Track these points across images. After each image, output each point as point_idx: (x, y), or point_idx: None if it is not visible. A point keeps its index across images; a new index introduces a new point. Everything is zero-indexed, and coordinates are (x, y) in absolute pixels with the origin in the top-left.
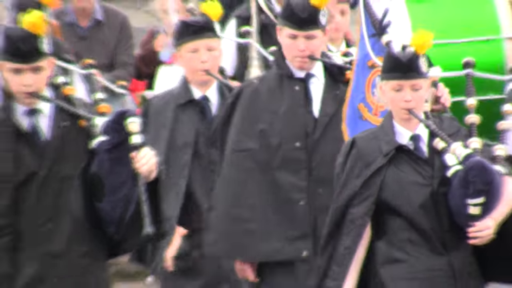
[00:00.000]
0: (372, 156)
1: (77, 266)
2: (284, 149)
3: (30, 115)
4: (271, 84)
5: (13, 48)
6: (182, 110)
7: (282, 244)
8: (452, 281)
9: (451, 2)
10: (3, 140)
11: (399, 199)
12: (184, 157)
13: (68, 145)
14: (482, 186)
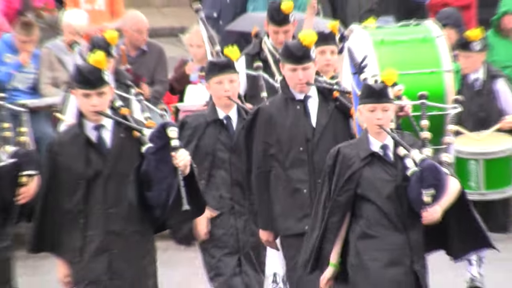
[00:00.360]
0: (352, 160)
1: (131, 241)
2: (292, 153)
3: (97, 129)
4: (279, 105)
5: (84, 78)
6: (210, 126)
7: (294, 222)
8: (408, 252)
9: (405, 45)
10: (77, 148)
11: (372, 191)
12: (205, 163)
13: (125, 151)
14: (433, 181)
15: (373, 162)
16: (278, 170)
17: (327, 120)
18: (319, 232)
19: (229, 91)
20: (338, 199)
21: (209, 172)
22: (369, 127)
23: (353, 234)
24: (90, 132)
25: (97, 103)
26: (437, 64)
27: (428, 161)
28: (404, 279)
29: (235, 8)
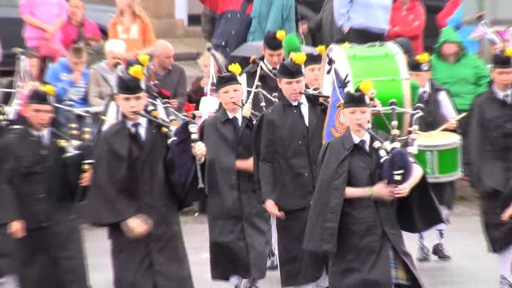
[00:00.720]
0: (340, 151)
1: (161, 212)
2: (293, 146)
3: (135, 126)
4: (279, 111)
5: (125, 85)
6: (222, 125)
7: (299, 199)
8: (379, 224)
9: (372, 59)
10: (121, 139)
11: (352, 177)
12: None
13: (155, 142)
14: (401, 164)
15: (354, 153)
16: (280, 162)
17: (317, 120)
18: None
19: (234, 97)
20: (335, 183)
21: None
22: (351, 125)
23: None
24: (130, 128)
25: (135, 105)
26: (397, 74)
27: (398, 149)
28: (377, 245)
29: (238, 38)
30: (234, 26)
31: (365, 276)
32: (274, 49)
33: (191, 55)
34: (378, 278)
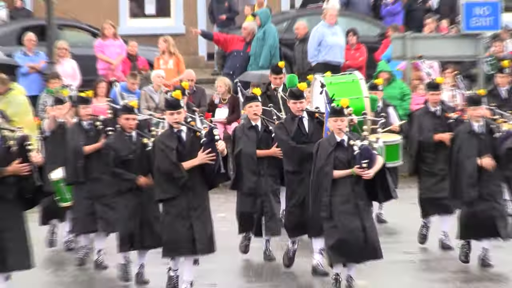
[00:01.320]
0: (327, 147)
1: (198, 191)
2: (299, 143)
3: (178, 132)
4: (289, 121)
5: (169, 104)
6: (248, 130)
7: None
8: (353, 197)
9: (343, 84)
10: (171, 141)
11: (337, 165)
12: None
13: (192, 143)
14: (368, 155)
15: (337, 148)
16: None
17: (313, 128)
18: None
19: (256, 111)
20: (326, 169)
21: None
22: (334, 130)
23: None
24: (175, 133)
25: (177, 118)
26: (360, 93)
27: (365, 146)
28: (352, 211)
29: (241, 69)
30: (238, 61)
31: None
32: (277, 74)
33: (209, 80)
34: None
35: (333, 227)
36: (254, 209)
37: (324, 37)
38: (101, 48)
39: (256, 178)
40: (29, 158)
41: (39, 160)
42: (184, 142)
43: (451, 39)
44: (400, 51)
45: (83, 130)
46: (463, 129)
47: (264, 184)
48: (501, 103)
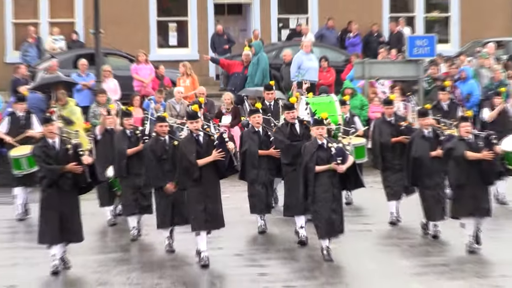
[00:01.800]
0: (311, 148)
1: (213, 182)
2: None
3: (197, 136)
4: (284, 126)
5: (190, 115)
6: (252, 134)
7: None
8: (332, 187)
9: (322, 104)
10: (191, 144)
11: (318, 162)
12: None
13: (208, 144)
14: (341, 154)
15: (319, 149)
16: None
17: (303, 131)
18: (303, 183)
19: (258, 120)
20: (310, 165)
21: None
22: (316, 135)
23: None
24: (194, 137)
25: (196, 125)
26: (335, 111)
27: (340, 147)
28: (331, 198)
29: (241, 86)
30: (238, 80)
31: (327, 215)
32: (269, 90)
33: (217, 94)
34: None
35: (316, 212)
36: (258, 192)
37: (302, 62)
38: (136, 70)
39: (256, 171)
40: (81, 160)
41: (89, 161)
42: (202, 144)
43: (398, 63)
44: (360, 73)
45: (127, 137)
46: (417, 135)
47: (263, 176)
48: (444, 114)
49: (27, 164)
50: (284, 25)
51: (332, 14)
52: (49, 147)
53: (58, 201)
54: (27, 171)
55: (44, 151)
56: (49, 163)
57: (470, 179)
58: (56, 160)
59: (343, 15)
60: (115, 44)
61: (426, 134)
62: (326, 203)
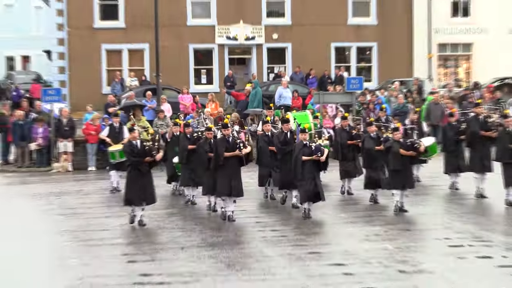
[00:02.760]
0: (299, 146)
1: (235, 166)
2: (283, 144)
3: (228, 137)
4: (280, 133)
5: (223, 126)
6: (265, 137)
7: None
8: (314, 171)
9: (301, 116)
10: (223, 142)
11: (304, 154)
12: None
13: (234, 144)
14: (319, 150)
15: (304, 147)
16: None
17: (291, 138)
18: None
19: (268, 128)
20: (298, 157)
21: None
22: (302, 138)
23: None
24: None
25: (227, 132)
26: (308, 120)
27: (317, 145)
28: (312, 176)
29: (244, 108)
30: (243, 104)
31: (309, 188)
32: (270, 110)
33: (229, 113)
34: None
35: (302, 186)
36: (267, 173)
37: (282, 93)
38: (181, 98)
39: (268, 159)
40: (153, 155)
41: (159, 157)
42: (230, 143)
43: (340, 94)
44: (317, 100)
45: (187, 139)
46: (367, 136)
47: (270, 162)
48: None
49: (119, 155)
50: (271, 71)
51: (300, 64)
52: (133, 146)
53: (139, 178)
54: (119, 160)
55: (131, 148)
56: (134, 156)
57: (402, 165)
58: (137, 153)
59: (307, 65)
60: (168, 82)
61: (372, 136)
62: (309, 180)
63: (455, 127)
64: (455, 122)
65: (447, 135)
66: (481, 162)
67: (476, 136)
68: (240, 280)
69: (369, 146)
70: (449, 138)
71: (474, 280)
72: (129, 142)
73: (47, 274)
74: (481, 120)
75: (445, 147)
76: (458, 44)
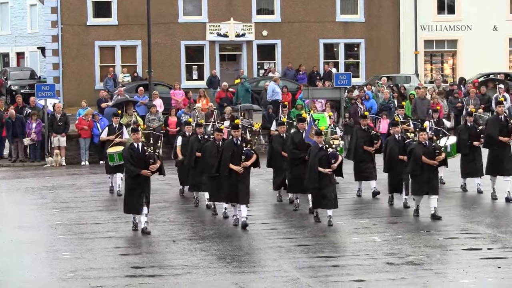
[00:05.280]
0: (316, 150)
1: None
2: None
3: (236, 139)
4: (296, 133)
5: (233, 126)
6: (279, 138)
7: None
8: (331, 177)
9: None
10: (232, 144)
11: (320, 161)
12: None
13: (241, 145)
14: (334, 157)
15: (320, 150)
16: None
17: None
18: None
19: (283, 130)
20: (314, 168)
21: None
22: (318, 141)
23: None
24: (234, 140)
25: (237, 134)
26: (326, 122)
27: (333, 152)
28: (328, 183)
29: (229, 105)
30: (227, 101)
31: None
32: (284, 107)
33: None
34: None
35: (318, 192)
36: (282, 177)
37: (274, 88)
38: (173, 94)
39: (280, 163)
40: (155, 160)
41: (154, 168)
42: (238, 145)
43: (329, 89)
44: (306, 95)
45: (198, 141)
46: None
47: (283, 166)
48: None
49: (118, 158)
50: (261, 67)
51: (289, 61)
52: (134, 149)
53: (140, 183)
54: (117, 163)
55: (130, 153)
56: (132, 163)
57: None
58: (137, 159)
59: (296, 61)
60: (160, 78)
61: (397, 138)
62: (325, 186)
63: (471, 128)
64: (472, 123)
65: (461, 137)
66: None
67: (494, 140)
68: (231, 273)
69: (393, 152)
70: (464, 140)
71: (461, 271)
72: (131, 145)
73: (40, 267)
74: (502, 121)
75: (459, 149)
76: (443, 41)
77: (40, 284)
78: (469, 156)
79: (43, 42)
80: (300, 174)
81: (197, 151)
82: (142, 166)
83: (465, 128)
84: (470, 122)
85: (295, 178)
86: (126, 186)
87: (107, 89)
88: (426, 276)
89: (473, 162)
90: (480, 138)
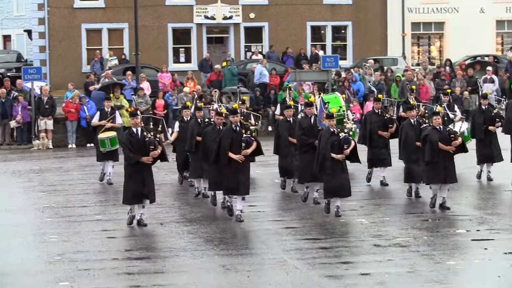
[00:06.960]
0: (327, 135)
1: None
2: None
3: (235, 126)
4: (304, 118)
5: (231, 111)
6: (285, 123)
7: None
8: (342, 163)
9: (333, 98)
10: (230, 131)
11: (332, 146)
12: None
13: (241, 132)
14: (347, 141)
15: (332, 135)
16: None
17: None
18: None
19: (290, 114)
20: (326, 153)
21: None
22: (329, 125)
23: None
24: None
25: (237, 119)
26: (340, 103)
27: (346, 137)
28: (340, 170)
29: (218, 87)
30: (216, 84)
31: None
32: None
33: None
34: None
35: (329, 179)
36: (287, 164)
37: (261, 71)
38: (160, 77)
39: (287, 148)
40: (156, 147)
41: (155, 155)
42: (237, 132)
43: (316, 72)
44: (294, 77)
45: (198, 124)
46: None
47: (290, 151)
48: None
49: (109, 143)
50: (248, 49)
51: (276, 43)
52: (133, 135)
53: (139, 171)
54: (109, 149)
55: (129, 139)
56: (131, 149)
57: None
58: (137, 145)
59: (283, 44)
60: (147, 61)
61: (412, 123)
62: (337, 173)
63: (486, 111)
64: (486, 105)
65: (476, 121)
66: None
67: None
68: (218, 255)
69: (409, 137)
70: (479, 125)
71: (448, 253)
72: (129, 130)
73: (27, 250)
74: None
75: (473, 134)
76: (430, 23)
77: (27, 267)
78: (485, 141)
79: (29, 25)
80: (310, 161)
81: (197, 135)
82: (142, 153)
83: (480, 112)
84: (485, 105)
85: (305, 166)
86: (126, 174)
87: (94, 72)
88: (413, 257)
89: (489, 146)
90: (495, 122)
